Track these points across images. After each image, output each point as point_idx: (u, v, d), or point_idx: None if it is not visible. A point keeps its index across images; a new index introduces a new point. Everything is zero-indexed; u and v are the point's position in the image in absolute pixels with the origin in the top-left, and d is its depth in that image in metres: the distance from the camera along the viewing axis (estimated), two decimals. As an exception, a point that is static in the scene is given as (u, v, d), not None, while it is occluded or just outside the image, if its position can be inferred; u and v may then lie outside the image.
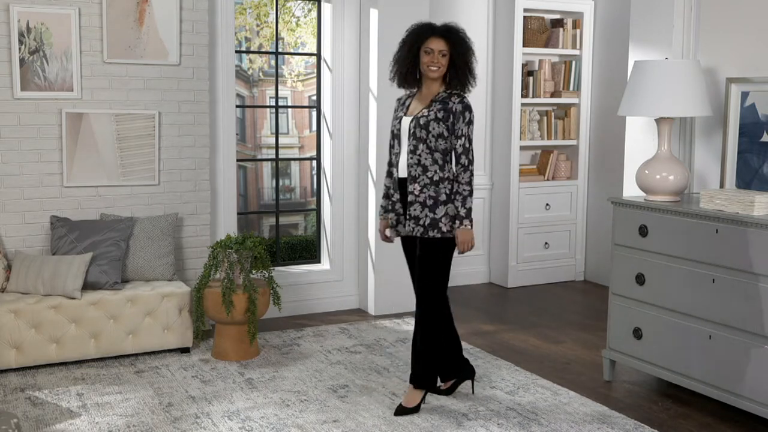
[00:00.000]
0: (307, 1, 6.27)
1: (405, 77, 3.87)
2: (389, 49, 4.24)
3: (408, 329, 5.38)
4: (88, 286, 4.64)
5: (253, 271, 4.76)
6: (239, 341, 4.71)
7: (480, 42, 6.67)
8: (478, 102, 6.70)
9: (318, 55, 5.92)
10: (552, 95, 6.79)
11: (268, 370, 4.57)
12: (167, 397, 4.12)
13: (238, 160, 5.54)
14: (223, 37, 5.35)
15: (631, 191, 4.70)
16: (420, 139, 3.77)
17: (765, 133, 4.11)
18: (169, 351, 4.83)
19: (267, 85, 6.85)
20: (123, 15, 4.92)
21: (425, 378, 3.96)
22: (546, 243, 6.86)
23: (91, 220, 4.90)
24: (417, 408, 3.96)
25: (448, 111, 3.78)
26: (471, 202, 3.80)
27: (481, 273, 6.92)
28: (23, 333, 4.40)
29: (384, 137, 5.36)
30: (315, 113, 6.10)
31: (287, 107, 6.76)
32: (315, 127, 6.09)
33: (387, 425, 3.82)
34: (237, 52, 5.84)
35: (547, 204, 6.83)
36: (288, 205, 7.03)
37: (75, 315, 4.51)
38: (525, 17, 6.57)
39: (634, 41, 4.82)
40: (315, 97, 6.03)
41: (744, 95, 4.20)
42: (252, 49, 6.77)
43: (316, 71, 5.99)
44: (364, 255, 5.94)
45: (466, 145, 3.80)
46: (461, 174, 3.80)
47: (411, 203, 3.80)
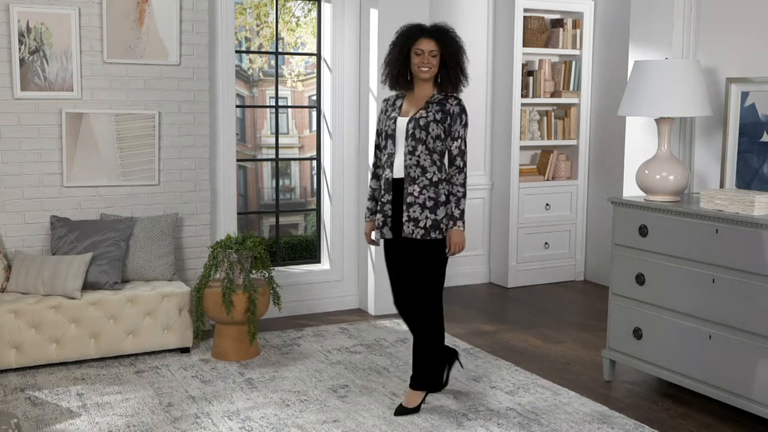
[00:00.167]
0: (307, 1, 6.27)
1: (396, 79, 3.86)
2: (389, 50, 4.24)
3: (408, 329, 5.37)
4: (88, 286, 4.64)
5: (253, 271, 4.76)
6: (239, 341, 4.71)
7: (480, 42, 6.68)
8: (478, 102, 6.71)
9: (318, 55, 5.92)
10: (552, 95, 6.79)
11: (268, 370, 4.57)
12: (167, 397, 4.12)
13: (238, 160, 5.54)
14: (223, 37, 5.35)
15: (631, 191, 4.70)
16: (419, 140, 3.77)
17: (765, 133, 4.11)
18: (169, 351, 4.83)
19: (267, 85, 6.85)
20: (123, 15, 4.92)
21: (427, 380, 3.97)
22: (546, 243, 6.86)
23: (91, 220, 4.90)
24: (417, 408, 3.96)
25: (445, 113, 3.78)
26: (464, 203, 3.82)
27: (481, 273, 6.92)
28: (23, 333, 4.40)
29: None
30: (315, 113, 6.10)
31: (287, 107, 6.76)
32: (315, 127, 6.08)
33: (387, 425, 3.82)
34: (237, 52, 5.83)
35: (547, 204, 6.83)
36: (288, 205, 7.03)
37: (75, 315, 4.51)
38: (525, 17, 6.56)
39: (634, 41, 4.82)
40: (315, 97, 6.03)
41: (744, 95, 4.20)
42: (252, 49, 6.77)
43: (316, 71, 5.99)
44: (364, 255, 5.93)
45: (461, 147, 3.81)
46: (456, 176, 3.81)
47: (410, 204, 3.79)
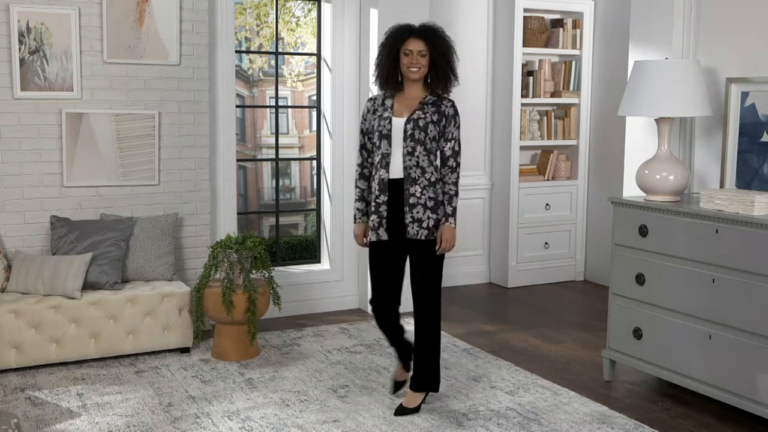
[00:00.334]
0: (307, 1, 6.27)
1: (387, 80, 3.85)
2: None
3: (408, 329, 5.36)
4: (88, 286, 4.64)
5: (253, 271, 4.76)
6: (239, 341, 4.71)
7: (480, 42, 6.68)
8: (478, 102, 6.71)
9: (318, 55, 5.92)
10: (552, 95, 6.79)
11: (268, 370, 4.57)
12: (167, 397, 4.12)
13: (238, 160, 5.54)
14: (223, 37, 5.34)
15: (631, 191, 4.70)
16: (418, 141, 3.78)
17: (765, 133, 4.11)
18: (169, 351, 4.83)
19: (267, 85, 6.85)
20: (123, 15, 4.92)
21: (429, 380, 3.97)
22: (546, 243, 6.86)
23: (91, 220, 4.90)
24: (417, 408, 3.96)
25: (441, 114, 3.80)
26: (456, 202, 3.86)
27: (481, 273, 6.92)
28: (23, 333, 4.40)
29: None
30: (315, 113, 6.10)
31: (287, 107, 6.76)
32: (315, 127, 6.08)
33: (387, 425, 3.82)
34: (237, 52, 5.83)
35: (547, 204, 6.83)
36: (288, 205, 7.03)
37: (75, 315, 4.51)
38: (525, 17, 6.56)
39: (634, 41, 4.81)
40: (315, 97, 6.03)
41: (744, 95, 4.20)
42: (252, 49, 6.77)
43: (316, 71, 5.99)
44: (364, 255, 5.92)
45: (455, 148, 3.84)
46: (449, 175, 3.84)
47: (413, 205, 3.79)
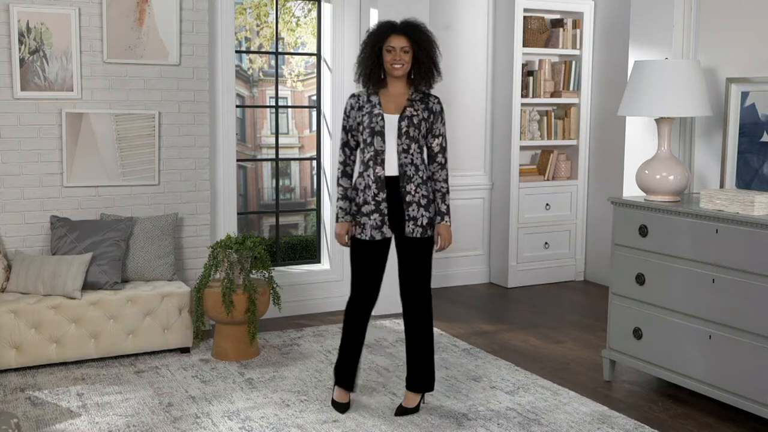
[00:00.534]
0: (307, 1, 6.27)
1: (369, 77, 3.83)
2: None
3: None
4: (88, 286, 4.64)
5: (253, 271, 4.76)
6: (239, 341, 4.70)
7: (480, 42, 6.68)
8: (478, 102, 6.71)
9: (318, 55, 5.92)
10: (552, 95, 6.79)
11: (268, 370, 4.57)
12: (167, 397, 4.12)
13: (238, 160, 5.54)
14: (223, 37, 5.34)
15: (631, 191, 4.70)
16: (413, 138, 3.77)
17: (765, 133, 4.11)
18: (169, 351, 4.83)
19: (267, 85, 6.85)
20: (123, 15, 4.92)
21: (428, 381, 3.97)
22: (546, 243, 6.86)
23: (91, 220, 4.90)
24: (417, 408, 3.96)
25: (430, 111, 3.80)
26: (449, 199, 3.87)
27: (481, 273, 6.92)
28: (23, 333, 4.40)
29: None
30: (315, 113, 6.10)
31: (287, 107, 6.76)
32: (315, 127, 6.08)
33: (387, 425, 3.81)
34: (237, 52, 5.83)
35: (547, 204, 6.83)
36: (288, 205, 7.03)
37: (75, 315, 4.51)
38: (525, 17, 6.56)
39: (634, 41, 4.81)
40: (315, 97, 6.03)
41: (744, 95, 4.20)
42: (252, 49, 6.77)
43: (316, 71, 5.99)
44: (364, 255, 5.93)
45: (443, 144, 3.85)
46: (439, 172, 3.85)
47: (409, 203, 3.79)
